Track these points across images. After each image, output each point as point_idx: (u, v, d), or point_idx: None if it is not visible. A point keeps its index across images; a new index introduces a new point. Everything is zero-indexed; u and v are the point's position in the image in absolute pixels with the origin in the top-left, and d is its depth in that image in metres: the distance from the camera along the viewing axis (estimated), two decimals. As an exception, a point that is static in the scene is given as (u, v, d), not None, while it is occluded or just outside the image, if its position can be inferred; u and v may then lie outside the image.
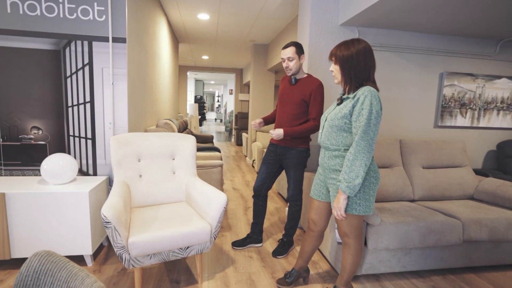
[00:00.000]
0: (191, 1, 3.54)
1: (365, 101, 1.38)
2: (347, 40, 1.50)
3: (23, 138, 2.19)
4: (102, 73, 2.21)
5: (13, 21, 2.05)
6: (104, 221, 1.51)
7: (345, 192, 1.40)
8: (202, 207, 1.93)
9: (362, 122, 1.37)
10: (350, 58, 1.45)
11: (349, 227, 1.55)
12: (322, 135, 1.59)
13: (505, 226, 2.09)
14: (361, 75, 1.45)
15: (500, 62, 2.96)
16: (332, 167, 1.53)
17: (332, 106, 1.63)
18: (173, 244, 1.67)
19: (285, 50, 2.10)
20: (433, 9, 2.16)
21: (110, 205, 1.57)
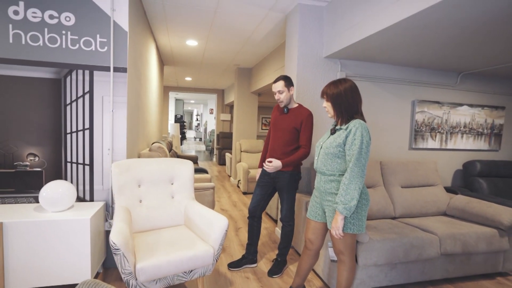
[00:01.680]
0: (182, 29, 3.71)
1: (357, 132, 1.58)
2: (335, 80, 1.72)
3: (18, 165, 2.17)
4: (102, 101, 2.28)
5: (15, 50, 2.09)
6: (113, 248, 1.55)
7: (342, 213, 1.56)
8: (203, 230, 2.00)
9: (355, 151, 1.56)
10: (339, 95, 1.66)
11: (344, 245, 1.70)
12: (318, 161, 1.76)
13: (475, 239, 2.35)
14: (350, 109, 1.66)
15: (461, 91, 3.37)
16: (328, 191, 1.70)
17: (325, 135, 1.82)
18: (178, 268, 1.73)
19: (275, 84, 2.30)
20: (405, 47, 2.48)
21: (118, 231, 1.62)
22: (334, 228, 1.61)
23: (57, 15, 2.13)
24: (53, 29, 2.13)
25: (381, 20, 2.06)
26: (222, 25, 3.47)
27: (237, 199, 4.81)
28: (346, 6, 2.49)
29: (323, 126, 2.95)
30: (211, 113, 12.01)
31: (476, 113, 3.39)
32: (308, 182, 2.94)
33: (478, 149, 3.46)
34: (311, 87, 2.88)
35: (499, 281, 2.45)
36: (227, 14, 3.13)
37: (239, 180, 5.39)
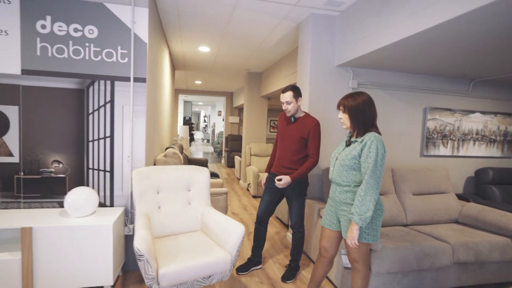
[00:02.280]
0: (195, 36, 3.79)
1: (372, 145, 1.62)
2: (352, 93, 1.76)
3: (43, 172, 2.27)
4: (123, 110, 2.36)
5: (42, 62, 2.19)
6: (137, 254, 1.63)
7: (357, 224, 1.61)
8: (220, 237, 2.07)
9: (370, 163, 1.61)
10: (357, 108, 1.70)
11: (359, 254, 1.74)
12: (333, 172, 1.81)
13: (488, 248, 2.36)
14: (366, 122, 1.71)
15: (473, 98, 3.37)
16: (343, 201, 1.75)
17: (340, 146, 1.86)
18: (198, 273, 1.80)
19: (284, 95, 2.32)
20: (418, 57, 2.51)
21: (142, 238, 1.70)
22: (349, 238, 1.65)
23: (81, 28, 2.23)
24: (77, 42, 2.23)
25: (395, 32, 2.10)
26: (235, 32, 3.54)
27: (247, 202, 4.88)
28: (359, 17, 2.54)
29: (334, 134, 2.99)
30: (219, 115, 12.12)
31: (488, 120, 3.39)
32: (320, 188, 2.99)
33: (490, 156, 3.45)
34: (323, 95, 2.92)
35: (512, 290, 2.45)
36: (241, 22, 3.20)
37: (249, 183, 5.45)
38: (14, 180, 2.23)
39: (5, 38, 2.12)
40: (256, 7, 2.79)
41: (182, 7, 2.89)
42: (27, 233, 1.89)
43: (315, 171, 2.96)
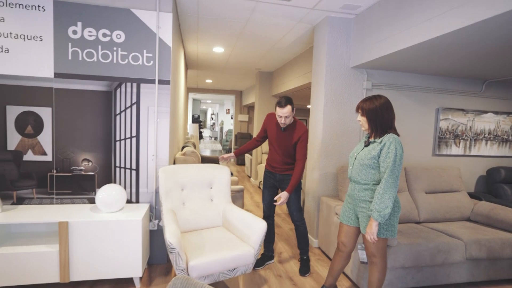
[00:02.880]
0: (211, 38, 3.89)
1: (391, 146, 1.71)
2: (370, 96, 1.84)
3: (74, 169, 2.40)
4: (148, 111, 2.48)
5: (73, 66, 2.31)
6: (169, 247, 1.75)
7: (377, 220, 1.70)
8: (243, 232, 2.18)
9: (389, 163, 1.69)
10: (375, 111, 1.79)
11: (377, 248, 1.84)
12: (352, 171, 1.90)
13: (500, 245, 2.43)
14: (384, 124, 1.79)
15: (486, 99, 3.41)
16: (362, 198, 1.84)
17: (359, 146, 1.95)
18: (224, 266, 1.92)
19: (283, 110, 2.31)
20: (433, 59, 2.57)
21: (173, 233, 1.81)
22: (368, 234, 1.75)
23: (109, 33, 2.34)
24: (105, 46, 2.35)
25: (412, 36, 2.17)
26: (251, 34, 3.63)
27: (260, 200, 4.98)
28: (375, 20, 2.60)
29: (348, 134, 3.07)
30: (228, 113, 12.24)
31: (501, 120, 3.43)
32: (334, 186, 3.08)
33: (502, 155, 3.50)
34: (338, 96, 3.00)
35: (524, 286, 2.52)
36: (258, 25, 3.29)
37: (260, 181, 5.55)
38: (48, 177, 2.36)
39: (40, 43, 2.25)
40: (274, 11, 2.87)
41: (202, 12, 2.99)
42: (64, 227, 2.02)
43: (329, 170, 3.05)
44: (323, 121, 2.99)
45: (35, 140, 2.33)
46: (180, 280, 1.04)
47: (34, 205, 2.35)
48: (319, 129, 3.05)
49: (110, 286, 2.23)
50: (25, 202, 2.35)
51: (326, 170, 3.04)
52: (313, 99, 3.23)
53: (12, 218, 2.03)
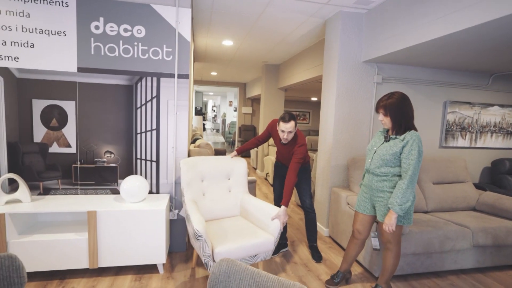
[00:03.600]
0: (221, 32, 3.93)
1: (414, 144, 1.78)
2: (389, 94, 1.89)
3: (97, 161, 2.49)
4: (167, 104, 2.55)
5: (96, 61, 2.37)
6: (197, 235, 1.85)
7: (397, 213, 1.80)
8: (261, 221, 2.28)
9: (412, 160, 1.77)
10: (398, 106, 1.83)
11: (393, 235, 1.95)
12: (371, 164, 1.98)
13: (505, 233, 2.55)
14: (407, 119, 1.84)
15: (492, 92, 3.49)
16: (380, 189, 1.93)
17: (377, 139, 2.02)
18: (247, 252, 2.03)
19: (286, 125, 2.31)
20: (443, 54, 2.64)
21: (199, 221, 1.91)
22: (387, 225, 1.84)
23: (130, 28, 2.40)
24: (127, 41, 2.40)
25: (425, 32, 2.23)
26: (261, 28, 3.67)
27: (268, 191, 5.10)
28: (387, 16, 2.66)
29: (359, 127, 3.15)
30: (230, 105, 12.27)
31: (506, 113, 3.52)
32: (345, 177, 3.18)
33: (507, 147, 3.60)
34: (349, 90, 3.07)
35: (526, 271, 2.65)
36: (270, 19, 3.33)
37: (267, 173, 5.66)
38: (72, 169, 2.45)
39: (63, 38, 2.30)
40: (288, 5, 2.92)
41: (216, 6, 3.03)
42: (93, 216, 2.11)
43: (340, 161, 3.14)
44: (334, 114, 3.07)
45: (59, 132, 2.40)
46: (226, 262, 1.14)
47: (60, 195, 2.44)
48: (331, 122, 3.13)
49: (134, 271, 2.35)
50: (51, 193, 2.44)
51: (337, 162, 3.14)
52: (324, 92, 3.30)
53: (43, 207, 2.12)
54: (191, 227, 1.98)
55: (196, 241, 1.90)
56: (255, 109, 9.61)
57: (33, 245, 2.07)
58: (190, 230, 2.04)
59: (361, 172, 2.92)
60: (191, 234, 2.04)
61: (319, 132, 3.39)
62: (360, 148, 3.19)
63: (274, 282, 1.06)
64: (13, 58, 2.26)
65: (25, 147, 2.36)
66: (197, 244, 1.92)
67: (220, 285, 1.13)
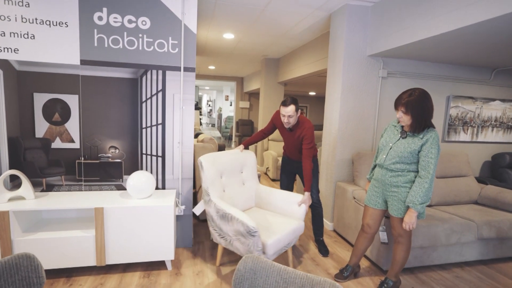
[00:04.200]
0: (224, 24, 3.86)
1: (433, 143, 1.77)
2: (408, 92, 1.81)
3: (101, 157, 2.43)
4: (173, 98, 2.50)
5: (99, 53, 2.30)
6: (252, 231, 1.89)
7: (419, 211, 1.80)
8: (283, 208, 2.43)
9: (433, 159, 1.76)
10: (420, 103, 1.76)
11: (404, 229, 1.95)
12: (386, 160, 1.95)
13: (508, 226, 2.59)
14: (427, 119, 1.79)
15: (494, 87, 3.52)
16: (394, 184, 1.93)
17: (391, 135, 1.98)
18: (287, 240, 2.13)
19: (286, 109, 2.33)
20: (449, 48, 2.63)
21: (249, 218, 1.94)
22: (408, 223, 1.84)
23: (135, 20, 2.32)
24: (131, 33, 2.33)
25: (433, 27, 2.22)
26: (265, 21, 3.61)
27: (269, 185, 5.09)
28: (394, 9, 2.64)
29: (364, 121, 3.15)
30: (227, 99, 12.18)
31: (507, 107, 3.56)
32: (349, 172, 3.18)
33: (507, 142, 3.65)
34: (355, 84, 3.06)
35: (527, 263, 2.71)
36: (274, 12, 3.28)
37: (267, 167, 5.65)
38: (76, 164, 2.39)
39: (65, 30, 2.22)
40: (294, -3, 2.87)
41: (221, -3, 2.97)
42: (100, 213, 2.07)
43: (345, 156, 3.14)
44: (340, 109, 3.06)
45: (62, 127, 2.33)
46: (251, 259, 1.12)
47: (64, 192, 2.38)
48: (336, 116, 3.12)
49: (142, 268, 2.32)
50: (54, 189, 2.38)
51: (342, 156, 3.14)
52: (329, 86, 3.28)
53: (48, 204, 2.07)
54: (240, 225, 1.95)
55: (250, 237, 1.91)
56: (253, 103, 9.55)
57: (38, 243, 2.02)
58: (235, 228, 2.00)
59: (367, 166, 2.93)
60: (234, 231, 2.03)
61: (324, 126, 3.38)
62: (364, 143, 3.19)
63: (303, 279, 1.04)
64: (12, 50, 2.17)
65: (27, 143, 2.29)
66: (249, 240, 1.93)
67: (245, 283, 1.11)
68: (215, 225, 2.19)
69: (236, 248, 2.08)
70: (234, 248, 2.10)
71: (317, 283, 1.01)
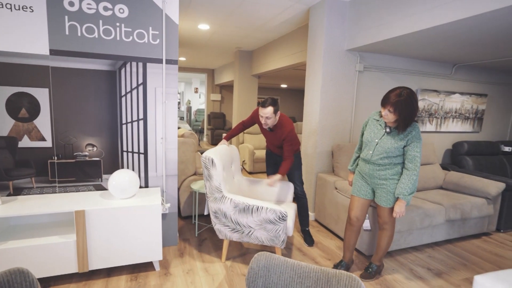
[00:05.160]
0: (200, 15, 3.72)
1: (418, 137, 1.86)
2: (397, 92, 1.81)
3: (78, 155, 2.25)
4: (155, 92, 2.38)
5: (72, 42, 2.10)
6: (285, 216, 2.10)
7: (407, 201, 1.91)
8: (278, 196, 2.59)
9: (418, 152, 1.86)
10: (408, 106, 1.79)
11: (390, 217, 2.07)
12: (373, 155, 2.01)
13: (469, 207, 2.88)
14: (413, 116, 1.83)
15: (455, 81, 3.83)
16: (383, 177, 2.00)
17: (375, 130, 2.03)
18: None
19: (264, 110, 2.33)
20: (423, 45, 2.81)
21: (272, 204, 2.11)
22: (399, 213, 1.94)
23: (111, 7, 2.15)
24: (107, 21, 2.16)
25: (410, 24, 2.34)
26: (243, 12, 3.55)
27: (246, 178, 5.10)
28: (371, 6, 2.73)
29: (343, 114, 3.26)
30: (196, 92, 11.86)
31: (465, 100, 3.90)
32: (329, 163, 3.29)
33: (464, 131, 4.01)
34: (334, 77, 3.14)
35: (485, 239, 3.04)
36: (253, 3, 3.23)
37: (243, 160, 5.64)
38: (48, 164, 2.19)
39: (30, 15, 1.99)
40: (275, -11, 2.84)
41: (200, -14, 2.84)
42: (81, 216, 1.93)
43: (325, 148, 3.24)
44: (320, 101, 3.13)
45: (31, 124, 2.11)
46: (264, 256, 1.12)
47: (35, 195, 2.17)
48: (316, 109, 3.19)
49: (128, 271, 2.22)
50: (23, 193, 2.16)
51: (322, 148, 3.23)
52: (308, 79, 3.34)
53: (20, 209, 1.88)
54: (270, 213, 2.10)
55: (281, 222, 2.09)
56: (224, 96, 9.42)
57: (8, 254, 1.83)
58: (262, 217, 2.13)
59: (347, 157, 3.05)
60: (259, 221, 2.14)
61: (304, 119, 3.44)
62: (343, 135, 3.31)
63: (317, 273, 1.07)
64: (-34, 37, 1.91)
65: (-12, 142, 2.04)
66: (278, 226, 2.10)
67: (259, 280, 1.11)
68: (227, 220, 2.18)
69: (256, 237, 2.18)
70: (253, 238, 2.19)
71: (333, 276, 1.04)
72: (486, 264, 2.55)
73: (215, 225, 2.27)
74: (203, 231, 2.94)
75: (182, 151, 3.07)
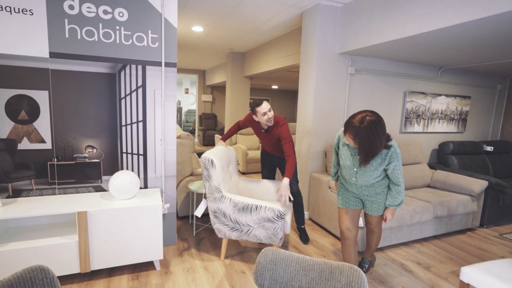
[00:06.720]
0: (195, 17, 3.76)
1: (396, 157, 1.83)
2: (359, 118, 1.67)
3: (77, 157, 2.27)
4: (154, 94, 2.41)
5: (72, 45, 2.12)
6: (283, 214, 2.15)
7: (398, 208, 2.03)
8: (265, 196, 2.62)
9: (399, 171, 1.88)
10: (368, 139, 1.66)
11: (378, 221, 2.16)
12: (357, 180, 1.96)
13: (455, 204, 3.03)
14: (377, 151, 1.71)
15: (440, 83, 4.01)
16: (372, 193, 2.02)
17: (350, 156, 1.92)
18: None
19: (263, 105, 2.42)
20: (412, 49, 2.94)
21: (271, 203, 2.18)
22: (390, 220, 2.04)
23: (111, 11, 2.18)
24: (107, 25, 2.19)
25: (401, 30, 2.46)
26: (237, 16, 3.61)
27: (239, 179, 5.16)
28: (363, 11, 2.85)
29: (335, 116, 3.37)
30: (187, 92, 11.83)
31: (450, 101, 4.08)
32: (322, 163, 3.40)
33: (449, 131, 4.20)
34: (327, 80, 3.25)
35: (469, 234, 3.21)
36: (247, 6, 3.30)
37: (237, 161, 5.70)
38: (48, 166, 2.20)
39: (30, 18, 2.00)
40: (270, -6, 2.92)
41: (197, -10, 2.89)
42: (83, 217, 1.95)
43: (318, 148, 3.34)
44: (313, 103, 3.23)
45: (30, 126, 2.12)
46: (271, 251, 1.19)
47: (35, 197, 2.18)
48: (309, 110, 3.29)
49: (129, 271, 2.25)
50: (23, 195, 2.17)
51: (315, 148, 3.33)
52: (302, 82, 3.43)
53: (20, 211, 1.89)
54: (269, 212, 2.19)
55: (279, 220, 2.17)
56: (216, 96, 9.45)
57: (11, 256, 1.84)
58: (261, 216, 2.21)
59: (340, 157, 3.15)
60: (258, 220, 2.21)
61: (297, 120, 3.54)
62: (335, 136, 3.42)
63: (321, 265, 1.15)
64: (-35, 39, 1.90)
65: (-13, 144, 2.04)
66: (276, 224, 2.18)
67: (267, 274, 1.18)
68: (227, 219, 2.25)
69: (255, 235, 2.26)
70: (251, 237, 2.26)
71: (336, 267, 1.12)
72: (471, 258, 2.70)
73: (214, 224, 2.33)
74: (200, 231, 2.99)
75: (179, 152, 3.11)
